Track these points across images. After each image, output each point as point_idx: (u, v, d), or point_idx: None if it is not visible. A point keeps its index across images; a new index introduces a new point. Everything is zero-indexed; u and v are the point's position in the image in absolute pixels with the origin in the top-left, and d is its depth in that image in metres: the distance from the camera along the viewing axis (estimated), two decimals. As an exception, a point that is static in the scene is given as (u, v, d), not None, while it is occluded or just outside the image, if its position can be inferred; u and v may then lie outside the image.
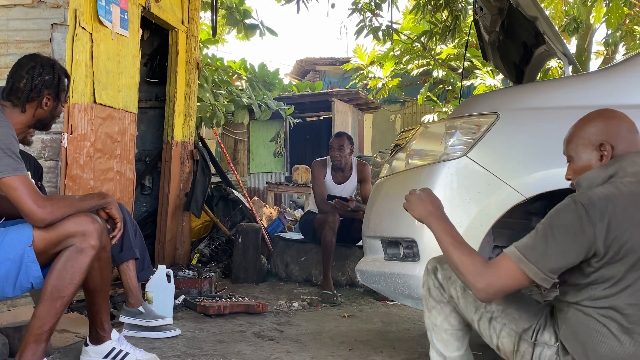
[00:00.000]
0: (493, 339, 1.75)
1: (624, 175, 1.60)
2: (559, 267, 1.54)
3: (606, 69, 2.47)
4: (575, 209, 1.53)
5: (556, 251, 1.52)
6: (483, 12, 3.55)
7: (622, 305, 1.51)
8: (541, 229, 1.57)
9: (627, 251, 1.49)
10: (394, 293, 2.43)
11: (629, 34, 9.10)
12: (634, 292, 1.51)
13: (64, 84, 2.20)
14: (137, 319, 2.86)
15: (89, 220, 2.00)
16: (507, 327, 1.71)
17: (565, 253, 1.52)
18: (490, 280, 1.58)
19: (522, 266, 1.55)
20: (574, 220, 1.52)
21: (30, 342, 1.96)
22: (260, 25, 6.86)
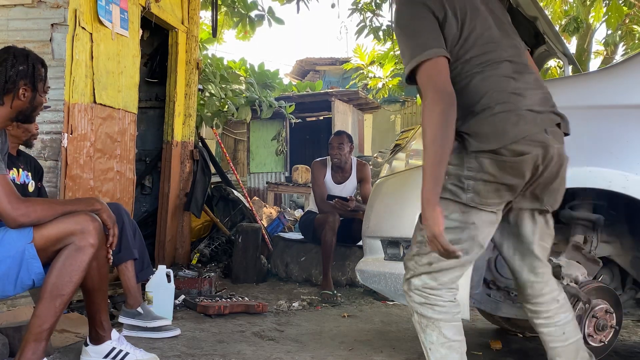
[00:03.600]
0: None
1: None
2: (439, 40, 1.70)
3: (606, 69, 2.47)
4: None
5: (427, 31, 1.70)
6: (483, 12, 3.55)
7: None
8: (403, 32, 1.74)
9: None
10: (394, 293, 2.43)
11: (628, 34, 9.10)
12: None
13: (39, 72, 2.16)
14: (136, 319, 2.86)
15: (88, 219, 2.00)
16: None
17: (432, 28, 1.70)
18: (437, 93, 1.64)
19: (433, 54, 1.65)
20: (418, 6, 1.72)
21: (30, 341, 1.96)
22: (267, 15, 6.83)
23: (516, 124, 1.65)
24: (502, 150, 1.64)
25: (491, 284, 2.42)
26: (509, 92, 1.69)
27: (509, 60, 1.75)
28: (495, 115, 1.66)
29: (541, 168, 1.68)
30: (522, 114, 1.66)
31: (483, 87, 1.71)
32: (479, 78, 1.72)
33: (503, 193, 1.70)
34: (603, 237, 2.34)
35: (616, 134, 2.10)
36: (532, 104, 1.70)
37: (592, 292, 2.07)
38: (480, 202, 1.69)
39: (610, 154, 2.07)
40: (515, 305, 2.44)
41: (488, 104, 1.68)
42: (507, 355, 2.79)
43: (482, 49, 1.74)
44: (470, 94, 1.71)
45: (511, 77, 1.72)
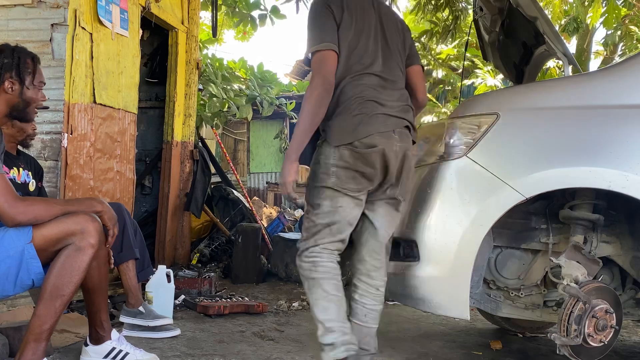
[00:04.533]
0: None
1: None
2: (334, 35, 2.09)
3: (606, 69, 2.47)
4: (319, 3, 2.14)
5: (326, 29, 2.09)
6: (483, 12, 3.55)
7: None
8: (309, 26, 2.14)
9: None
10: (394, 293, 2.43)
11: (627, 35, 9.11)
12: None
13: (26, 64, 2.15)
14: (137, 319, 2.86)
15: (87, 219, 1.99)
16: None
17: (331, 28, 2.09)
18: (320, 78, 2.04)
19: (322, 47, 2.06)
20: (321, 10, 2.12)
21: (30, 342, 1.96)
22: (269, 14, 6.81)
23: (367, 124, 2.04)
24: (357, 143, 2.04)
25: (491, 283, 2.43)
26: (368, 99, 2.07)
27: (378, 75, 2.12)
28: (354, 116, 2.05)
29: (389, 161, 2.06)
30: (374, 116, 2.05)
31: (350, 92, 2.08)
32: (349, 83, 2.09)
33: (359, 180, 2.07)
34: (603, 237, 2.34)
35: (616, 134, 2.10)
36: (386, 110, 2.08)
37: (592, 292, 2.07)
38: (342, 186, 2.07)
39: (610, 154, 2.07)
40: (515, 305, 2.44)
41: (349, 106, 2.06)
42: (507, 355, 2.79)
43: (361, 60, 2.12)
44: (340, 95, 2.09)
45: (374, 89, 2.10)
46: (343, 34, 2.11)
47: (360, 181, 2.08)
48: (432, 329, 3.36)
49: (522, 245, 2.39)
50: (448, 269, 2.16)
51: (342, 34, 2.11)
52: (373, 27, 2.17)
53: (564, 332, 2.05)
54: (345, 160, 2.05)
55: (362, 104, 2.06)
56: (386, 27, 2.22)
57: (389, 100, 2.10)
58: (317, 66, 2.07)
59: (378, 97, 2.08)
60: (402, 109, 2.13)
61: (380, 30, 2.20)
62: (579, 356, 2.07)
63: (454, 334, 3.22)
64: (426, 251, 2.19)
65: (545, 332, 3.17)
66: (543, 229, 2.38)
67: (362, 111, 2.05)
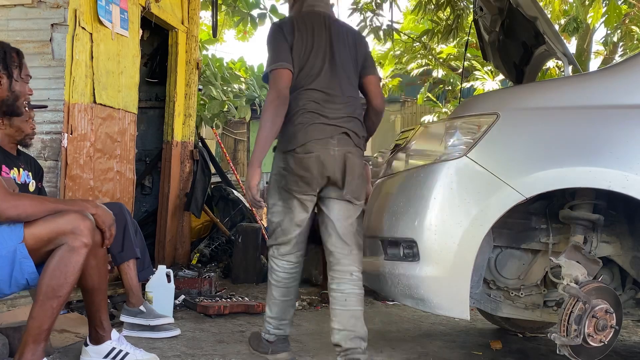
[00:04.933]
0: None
1: (305, 6, 2.54)
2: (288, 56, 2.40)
3: (606, 69, 2.47)
4: (274, 29, 2.48)
5: (280, 51, 2.39)
6: (483, 12, 3.55)
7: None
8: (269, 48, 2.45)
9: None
10: (394, 293, 2.43)
11: (627, 34, 9.10)
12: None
13: (11, 58, 2.16)
14: (138, 318, 2.86)
15: (79, 217, 1.96)
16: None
17: (284, 49, 2.40)
18: (275, 92, 2.34)
19: (277, 67, 2.37)
20: (276, 35, 2.44)
21: (29, 342, 1.95)
22: (269, 14, 6.80)
23: (305, 132, 2.33)
24: (297, 149, 2.33)
25: (491, 283, 2.42)
26: (309, 111, 2.36)
27: (321, 90, 2.39)
28: (295, 126, 2.35)
29: (326, 164, 2.32)
30: (312, 125, 2.34)
31: (295, 105, 2.37)
32: (296, 97, 2.38)
33: (300, 184, 2.35)
34: (603, 237, 2.34)
35: (616, 134, 2.10)
36: (325, 120, 2.35)
37: (592, 292, 2.07)
38: (289, 188, 2.37)
39: (610, 154, 2.07)
40: (515, 305, 2.44)
41: (293, 117, 2.36)
42: (507, 355, 2.79)
43: (307, 77, 2.41)
44: (289, 107, 2.37)
45: (317, 102, 2.37)
46: (293, 54, 2.41)
47: (300, 185, 2.36)
48: (432, 329, 3.36)
49: (522, 245, 2.39)
50: (448, 268, 2.16)
51: (292, 54, 2.41)
52: (322, 47, 2.45)
53: (564, 332, 2.05)
54: (289, 165, 2.37)
55: (303, 115, 2.36)
56: (335, 45, 2.47)
57: (330, 112, 2.37)
58: (272, 82, 2.37)
59: (319, 109, 2.37)
60: (344, 120, 2.39)
61: (329, 49, 2.46)
62: (579, 356, 2.07)
63: (454, 334, 3.22)
64: (426, 251, 2.19)
65: (545, 332, 3.17)
66: (543, 229, 2.37)
67: (302, 121, 2.36)
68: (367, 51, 2.61)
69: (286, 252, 2.48)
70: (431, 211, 2.19)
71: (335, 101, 2.40)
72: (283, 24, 2.50)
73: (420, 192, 2.27)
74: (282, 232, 2.44)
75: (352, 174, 2.37)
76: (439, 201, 2.19)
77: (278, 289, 2.50)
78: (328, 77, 2.43)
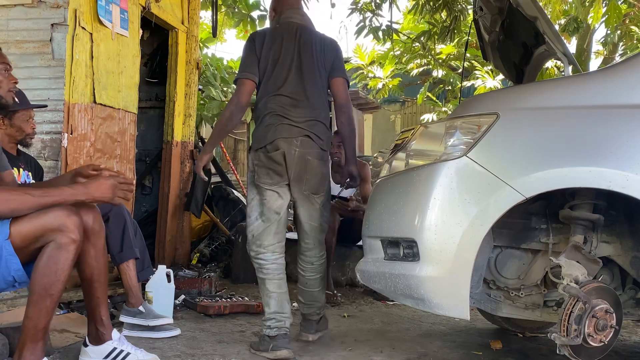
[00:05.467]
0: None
1: (282, 18, 2.88)
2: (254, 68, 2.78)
3: (606, 69, 2.47)
4: (247, 40, 2.86)
5: (247, 62, 2.80)
6: (483, 12, 3.55)
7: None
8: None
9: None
10: (394, 293, 2.43)
11: (627, 34, 9.10)
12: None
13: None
14: (138, 318, 2.86)
15: (64, 214, 1.91)
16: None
17: (252, 61, 2.78)
18: (236, 99, 2.78)
19: (242, 77, 2.77)
20: (247, 48, 2.82)
21: (27, 342, 1.94)
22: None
23: (275, 131, 2.69)
24: (267, 147, 2.69)
25: (491, 283, 2.42)
26: (276, 114, 2.71)
27: (288, 96, 2.72)
28: (265, 127, 2.72)
29: (288, 161, 2.66)
30: (280, 126, 2.69)
31: (265, 108, 2.74)
32: (265, 102, 2.74)
33: (272, 175, 2.70)
34: (603, 237, 2.34)
35: (616, 133, 2.10)
36: (291, 122, 2.69)
37: (592, 292, 2.07)
38: (261, 181, 2.72)
39: (610, 154, 2.07)
40: (515, 305, 2.44)
41: (262, 119, 2.75)
42: (507, 355, 2.79)
43: (275, 84, 2.74)
44: (259, 110, 2.77)
45: (283, 106, 2.71)
46: (262, 63, 2.77)
47: (272, 176, 2.71)
48: (432, 329, 3.36)
49: (522, 245, 2.38)
50: (448, 268, 2.16)
51: (261, 64, 2.77)
52: (289, 56, 2.76)
53: (564, 332, 2.05)
54: (260, 160, 2.72)
55: (272, 117, 2.71)
56: (303, 54, 2.77)
57: (295, 116, 2.70)
58: (236, 90, 2.81)
59: (285, 112, 2.70)
60: (308, 123, 2.71)
61: (297, 58, 2.77)
62: (579, 356, 2.07)
63: (454, 334, 3.23)
64: (426, 251, 2.19)
65: (545, 332, 3.17)
66: (543, 229, 2.37)
67: (271, 122, 2.71)
68: (336, 55, 2.87)
69: (265, 244, 2.75)
70: (431, 211, 2.19)
71: (300, 105, 2.72)
72: (256, 36, 2.85)
73: (420, 192, 2.27)
74: (263, 221, 2.75)
75: (311, 172, 2.72)
76: (439, 201, 2.19)
77: (271, 281, 2.74)
78: (294, 84, 2.74)
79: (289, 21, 2.85)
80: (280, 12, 2.90)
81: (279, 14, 2.90)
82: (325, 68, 2.81)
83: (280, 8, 2.92)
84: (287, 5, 2.91)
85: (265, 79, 2.75)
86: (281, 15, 2.88)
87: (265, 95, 2.74)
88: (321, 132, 2.75)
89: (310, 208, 2.79)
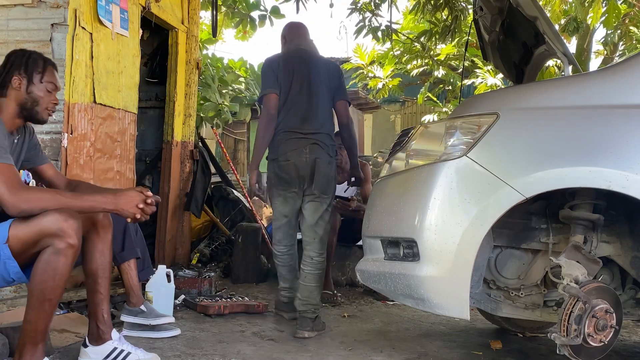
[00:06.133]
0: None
1: (292, 46, 3.37)
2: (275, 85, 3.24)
3: (606, 69, 2.47)
4: (265, 64, 3.33)
5: (269, 80, 3.26)
6: (483, 12, 3.55)
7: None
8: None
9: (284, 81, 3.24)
10: (394, 293, 2.43)
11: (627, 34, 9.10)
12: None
13: (35, 63, 2.18)
14: (139, 317, 2.86)
15: (62, 218, 1.91)
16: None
17: (273, 79, 3.24)
18: (266, 111, 3.23)
19: (267, 92, 3.23)
20: (267, 69, 3.30)
21: (26, 344, 1.94)
22: (269, 15, 6.78)
23: (285, 145, 3.16)
24: (279, 158, 3.17)
25: (491, 283, 2.43)
26: (288, 130, 3.17)
27: (300, 112, 3.18)
28: (278, 141, 3.18)
29: (301, 169, 3.12)
30: (290, 140, 3.15)
31: (280, 124, 3.19)
32: (282, 117, 3.20)
33: (283, 183, 3.18)
34: (603, 237, 2.34)
35: (616, 133, 2.10)
36: (300, 135, 3.15)
37: (592, 292, 2.07)
38: (274, 187, 3.22)
39: (611, 154, 2.07)
40: (515, 305, 2.44)
41: (278, 134, 3.19)
42: (507, 355, 2.79)
43: (290, 101, 3.20)
44: (276, 124, 3.21)
45: (296, 121, 3.17)
46: (281, 81, 3.20)
47: (283, 184, 3.18)
48: (432, 329, 3.36)
49: (522, 245, 2.39)
50: (448, 268, 2.16)
51: (280, 81, 3.20)
52: (301, 78, 3.21)
53: (564, 332, 2.05)
54: (275, 170, 3.20)
55: (283, 133, 3.17)
56: (312, 77, 3.23)
57: (304, 129, 3.16)
58: (265, 104, 3.21)
59: (297, 126, 3.17)
60: (314, 134, 3.17)
61: (307, 80, 3.22)
62: (579, 356, 2.07)
63: (454, 334, 3.23)
64: (426, 251, 2.19)
65: (545, 332, 3.17)
66: (543, 229, 2.37)
67: (283, 137, 3.17)
68: (340, 80, 3.37)
69: (278, 239, 3.36)
70: (431, 211, 2.20)
71: (308, 120, 3.19)
72: (273, 60, 3.31)
73: (420, 192, 2.27)
74: (275, 222, 3.34)
75: (320, 173, 3.14)
76: (439, 201, 2.19)
77: (283, 267, 3.40)
78: (305, 101, 3.20)
79: (299, 48, 3.33)
80: (290, 40, 3.39)
81: (289, 42, 3.39)
82: (330, 89, 3.29)
83: (290, 37, 3.41)
84: (296, 35, 3.40)
85: (280, 99, 3.21)
86: (291, 43, 3.37)
87: (280, 111, 3.21)
88: (327, 140, 3.22)
89: (317, 206, 3.16)
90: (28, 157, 2.33)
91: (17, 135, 2.23)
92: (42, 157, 2.40)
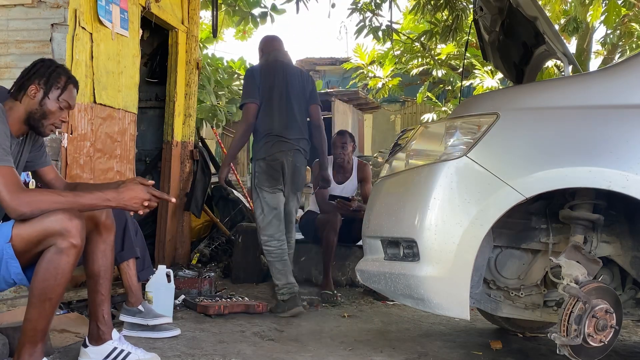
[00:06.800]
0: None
1: (270, 57, 3.81)
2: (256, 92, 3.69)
3: (606, 69, 2.47)
4: (247, 73, 3.79)
5: (250, 89, 3.68)
6: (483, 12, 3.55)
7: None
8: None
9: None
10: (394, 293, 2.43)
11: (627, 34, 9.09)
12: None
13: (58, 78, 2.17)
14: (137, 317, 2.86)
15: (66, 217, 1.91)
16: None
17: (254, 88, 3.66)
18: (245, 119, 3.67)
19: (248, 102, 3.67)
20: (249, 79, 3.71)
21: (25, 344, 1.94)
22: (270, 12, 6.76)
23: (273, 146, 3.62)
24: (267, 158, 3.62)
25: (491, 283, 2.43)
26: (273, 134, 3.63)
27: (281, 118, 3.65)
28: (266, 143, 3.63)
29: (285, 168, 3.63)
30: (277, 142, 3.61)
31: (264, 127, 3.65)
32: (265, 122, 3.64)
33: (270, 180, 3.62)
34: (603, 237, 2.34)
35: (616, 133, 2.10)
36: (284, 139, 3.63)
37: (592, 292, 2.07)
38: (261, 184, 3.63)
39: (610, 154, 2.07)
40: (515, 305, 2.44)
41: (264, 137, 3.64)
42: (507, 355, 2.79)
43: (271, 108, 3.66)
44: (258, 129, 3.66)
45: (278, 126, 3.63)
46: (260, 91, 3.63)
47: (270, 181, 3.62)
48: (432, 329, 3.36)
49: (522, 245, 2.39)
50: (448, 268, 2.16)
51: (261, 89, 3.62)
52: (279, 87, 3.66)
53: (564, 332, 2.05)
54: (261, 167, 3.63)
55: (270, 136, 3.62)
56: (290, 85, 3.69)
57: (288, 134, 3.65)
58: (245, 113, 3.66)
59: (281, 131, 3.63)
60: (297, 140, 3.68)
61: (285, 88, 3.67)
62: (579, 356, 2.07)
63: (454, 334, 3.23)
64: (426, 251, 2.19)
65: (545, 332, 3.17)
66: (543, 229, 2.37)
67: (270, 140, 3.62)
68: (312, 87, 3.87)
69: (270, 234, 3.62)
70: (431, 211, 2.19)
71: (290, 126, 3.66)
72: (254, 70, 3.76)
73: (420, 192, 2.27)
74: (266, 215, 3.63)
75: (299, 177, 3.75)
76: (439, 201, 2.19)
77: (279, 262, 3.62)
78: (285, 107, 3.65)
79: (277, 59, 3.78)
80: (268, 53, 3.83)
81: (267, 54, 3.83)
82: (305, 95, 3.78)
83: (267, 49, 3.86)
84: (272, 48, 3.85)
85: (263, 105, 3.63)
86: (269, 55, 3.81)
87: (263, 117, 3.64)
88: (305, 146, 3.75)
89: (294, 201, 3.79)
90: (32, 157, 2.33)
91: (22, 136, 2.23)
92: (45, 158, 2.40)
